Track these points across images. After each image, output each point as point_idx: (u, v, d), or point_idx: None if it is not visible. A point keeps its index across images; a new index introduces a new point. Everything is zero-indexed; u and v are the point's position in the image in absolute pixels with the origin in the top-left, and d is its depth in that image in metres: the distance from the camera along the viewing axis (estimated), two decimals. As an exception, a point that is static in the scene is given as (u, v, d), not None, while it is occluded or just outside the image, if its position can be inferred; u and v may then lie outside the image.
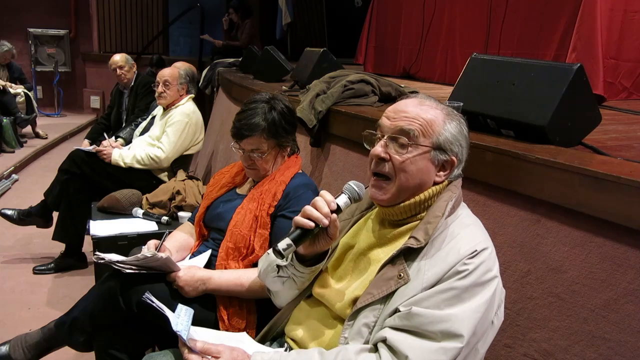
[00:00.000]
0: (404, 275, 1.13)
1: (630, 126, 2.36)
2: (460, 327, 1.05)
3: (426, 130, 1.19)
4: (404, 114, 1.21)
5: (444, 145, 1.20)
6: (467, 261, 1.10)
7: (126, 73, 4.51)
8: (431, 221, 1.17)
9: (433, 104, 1.24)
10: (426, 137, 1.19)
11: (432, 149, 1.19)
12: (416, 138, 1.18)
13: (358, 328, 1.16)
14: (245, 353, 1.23)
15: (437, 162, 1.21)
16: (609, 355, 1.25)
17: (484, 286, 1.09)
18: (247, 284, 1.72)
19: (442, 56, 4.48)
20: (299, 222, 1.22)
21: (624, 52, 3.20)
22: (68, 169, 3.32)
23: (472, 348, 1.09)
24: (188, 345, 1.22)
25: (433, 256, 1.14)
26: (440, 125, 1.20)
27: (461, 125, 1.24)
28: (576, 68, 1.61)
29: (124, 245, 2.50)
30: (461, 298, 1.08)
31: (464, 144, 1.24)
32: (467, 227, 1.18)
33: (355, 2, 7.99)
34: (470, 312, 1.07)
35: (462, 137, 1.24)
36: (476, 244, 1.12)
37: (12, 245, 3.82)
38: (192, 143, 3.51)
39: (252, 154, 1.85)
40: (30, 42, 9.10)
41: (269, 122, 1.83)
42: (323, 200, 1.23)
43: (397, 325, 1.10)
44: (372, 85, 2.57)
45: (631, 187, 1.21)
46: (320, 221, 1.20)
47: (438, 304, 1.08)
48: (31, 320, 2.79)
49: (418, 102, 1.24)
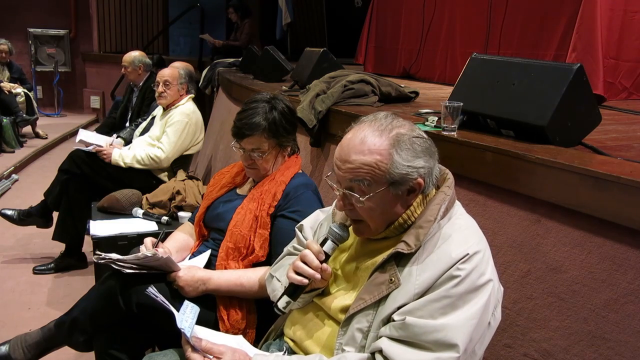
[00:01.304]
0: (395, 279, 1.13)
1: (630, 126, 2.36)
2: (454, 337, 1.04)
3: (374, 175, 1.14)
4: (348, 165, 1.16)
5: (399, 179, 1.14)
6: (460, 266, 1.08)
7: (129, 73, 4.48)
8: (423, 226, 1.15)
9: (375, 138, 1.15)
10: (377, 182, 1.15)
11: (388, 186, 1.15)
12: (367, 187, 1.15)
13: (352, 334, 1.16)
14: (248, 355, 1.24)
15: (400, 193, 1.16)
16: (609, 355, 1.25)
17: (478, 291, 1.08)
18: (247, 284, 1.72)
19: (442, 56, 4.49)
20: (293, 280, 1.24)
21: (624, 52, 3.20)
22: (68, 169, 3.32)
23: (470, 352, 1.09)
24: (191, 344, 1.21)
25: (424, 260, 1.12)
26: (388, 162, 1.13)
27: (414, 148, 1.15)
28: (576, 68, 1.61)
29: (124, 245, 2.50)
30: (455, 306, 1.07)
31: (422, 164, 1.16)
32: (460, 230, 1.16)
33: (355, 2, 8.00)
34: (465, 319, 1.06)
35: (419, 159, 1.16)
36: (468, 247, 1.10)
37: (12, 245, 3.82)
38: (192, 143, 3.51)
39: (253, 153, 1.85)
40: (30, 42, 9.09)
41: (270, 122, 1.83)
42: (312, 255, 1.24)
43: (392, 336, 1.09)
44: (372, 85, 2.58)
45: (631, 187, 1.22)
46: (313, 277, 1.23)
47: (432, 313, 1.07)
48: (31, 320, 2.79)
49: (359, 141, 1.15)
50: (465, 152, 1.67)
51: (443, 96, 2.92)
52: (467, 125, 1.88)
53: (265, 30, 8.34)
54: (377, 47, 5.41)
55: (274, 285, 1.43)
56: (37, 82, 8.98)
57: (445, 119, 1.79)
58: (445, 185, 1.22)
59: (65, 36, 9.37)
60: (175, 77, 3.47)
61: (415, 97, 2.82)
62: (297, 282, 1.23)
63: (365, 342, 1.15)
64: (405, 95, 2.74)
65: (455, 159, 1.69)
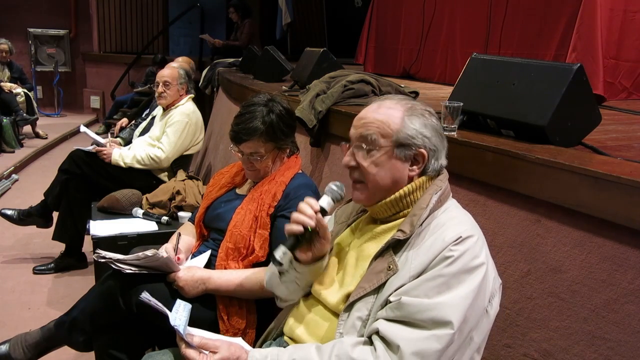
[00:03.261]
0: (393, 266, 1.16)
1: (630, 126, 2.36)
2: (448, 314, 1.06)
3: (384, 131, 1.23)
4: (363, 121, 1.26)
5: (405, 140, 1.22)
6: (452, 247, 1.11)
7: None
8: (416, 213, 1.20)
9: (392, 104, 1.26)
10: (385, 138, 1.22)
11: (394, 146, 1.22)
12: (375, 141, 1.23)
13: (352, 322, 1.18)
14: (243, 348, 1.24)
15: (404, 158, 1.23)
16: (609, 355, 1.25)
17: (471, 272, 1.10)
18: (247, 284, 1.72)
19: (442, 56, 4.48)
20: (288, 229, 1.27)
21: (624, 52, 3.20)
22: (68, 169, 3.32)
23: (466, 336, 1.10)
24: (185, 340, 1.22)
25: (419, 245, 1.16)
26: (398, 122, 1.23)
27: (425, 119, 1.25)
28: (576, 68, 1.61)
29: (124, 245, 2.50)
30: (449, 285, 1.09)
31: (428, 134, 1.23)
32: (454, 218, 1.20)
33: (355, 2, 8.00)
34: (459, 298, 1.08)
35: (428, 129, 1.24)
36: (461, 231, 1.14)
37: (12, 245, 3.82)
38: (192, 143, 3.52)
39: (251, 157, 1.85)
40: (30, 42, 9.09)
41: (267, 126, 1.83)
42: (306, 205, 1.28)
43: (388, 317, 1.12)
44: (372, 85, 2.57)
45: (631, 187, 1.21)
46: (307, 223, 1.25)
47: (426, 292, 1.09)
48: (31, 320, 2.79)
49: (377, 105, 1.28)
50: (465, 152, 1.67)
51: (443, 96, 2.92)
52: (467, 125, 1.88)
53: (265, 30, 8.35)
54: (377, 47, 5.41)
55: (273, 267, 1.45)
56: (37, 82, 8.98)
57: (445, 119, 1.79)
58: (438, 179, 1.26)
59: (65, 36, 9.37)
60: (175, 77, 3.47)
61: (415, 97, 2.82)
62: (293, 230, 1.25)
63: (365, 330, 1.16)
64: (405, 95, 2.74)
65: (455, 159, 1.68)
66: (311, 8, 9.27)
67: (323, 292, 1.31)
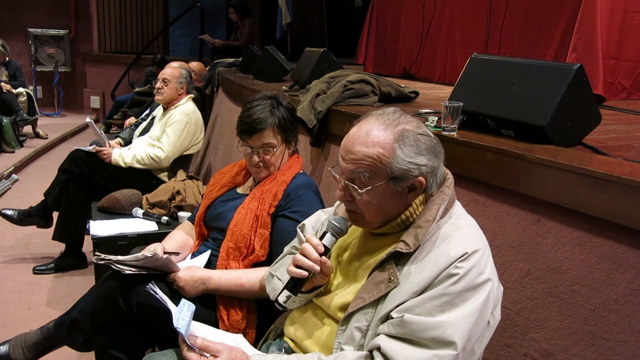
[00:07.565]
0: (394, 278, 1.13)
1: (630, 126, 2.36)
2: (452, 334, 1.04)
3: (376, 169, 1.14)
4: (351, 156, 1.16)
5: (400, 174, 1.14)
6: (458, 265, 1.08)
7: None
8: (422, 225, 1.15)
9: (380, 132, 1.15)
10: (377, 175, 1.15)
11: (388, 180, 1.15)
12: (367, 180, 1.15)
13: (351, 332, 1.16)
14: (245, 354, 1.24)
15: (401, 189, 1.16)
16: (609, 355, 1.25)
17: (476, 290, 1.08)
18: (247, 284, 1.72)
19: (442, 56, 4.48)
20: (292, 273, 1.24)
21: (624, 52, 3.20)
22: (68, 169, 3.32)
23: (469, 351, 1.09)
24: (187, 343, 1.22)
25: (423, 259, 1.12)
26: (390, 156, 1.13)
27: (418, 143, 1.15)
28: (576, 68, 1.61)
29: (124, 245, 2.50)
30: (453, 304, 1.06)
31: (424, 161, 1.15)
32: (459, 229, 1.16)
33: (355, 2, 7.99)
34: (463, 317, 1.05)
35: (422, 155, 1.15)
36: (467, 246, 1.10)
37: (12, 245, 3.82)
38: (192, 143, 3.52)
39: (262, 149, 1.85)
40: (30, 42, 9.09)
41: (279, 117, 1.86)
42: (311, 247, 1.24)
43: (390, 333, 1.09)
44: (372, 85, 2.58)
45: (631, 187, 1.21)
46: (312, 269, 1.23)
47: (430, 311, 1.07)
48: (31, 320, 2.79)
49: (365, 133, 1.16)
50: (465, 152, 1.67)
51: (443, 96, 2.92)
52: (467, 125, 1.88)
53: (265, 30, 8.35)
54: (377, 47, 5.41)
55: (274, 284, 1.43)
56: (37, 82, 8.99)
57: (445, 119, 1.79)
58: (444, 185, 1.22)
59: (65, 36, 9.37)
60: (175, 76, 3.49)
61: (415, 97, 2.82)
62: (296, 275, 1.23)
63: (364, 341, 1.15)
64: (405, 95, 2.74)
65: (455, 159, 1.68)
66: (311, 8, 9.28)
67: (323, 297, 1.30)
